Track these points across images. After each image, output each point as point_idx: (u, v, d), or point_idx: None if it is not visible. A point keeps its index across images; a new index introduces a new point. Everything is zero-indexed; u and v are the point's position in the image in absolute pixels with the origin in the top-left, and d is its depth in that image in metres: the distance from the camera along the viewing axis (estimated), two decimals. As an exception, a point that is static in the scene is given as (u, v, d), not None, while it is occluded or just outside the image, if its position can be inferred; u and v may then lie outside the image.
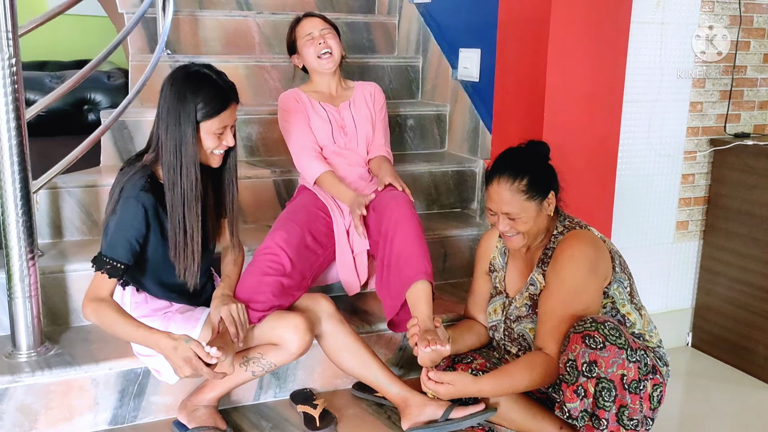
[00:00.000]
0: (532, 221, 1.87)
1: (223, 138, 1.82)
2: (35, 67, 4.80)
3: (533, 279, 1.93)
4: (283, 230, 2.06)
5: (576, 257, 1.82)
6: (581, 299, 1.80)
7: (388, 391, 1.97)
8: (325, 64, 2.36)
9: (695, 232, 2.85)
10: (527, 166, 1.87)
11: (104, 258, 1.75)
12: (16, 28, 1.81)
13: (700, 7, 2.60)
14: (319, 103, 2.38)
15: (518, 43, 2.45)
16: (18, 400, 1.86)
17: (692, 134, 2.74)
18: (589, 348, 1.68)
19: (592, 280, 1.82)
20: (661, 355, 1.89)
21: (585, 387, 1.69)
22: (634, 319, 1.88)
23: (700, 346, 2.91)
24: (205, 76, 1.79)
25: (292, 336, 1.88)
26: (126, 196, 1.74)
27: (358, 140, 2.38)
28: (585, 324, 1.72)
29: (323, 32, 2.37)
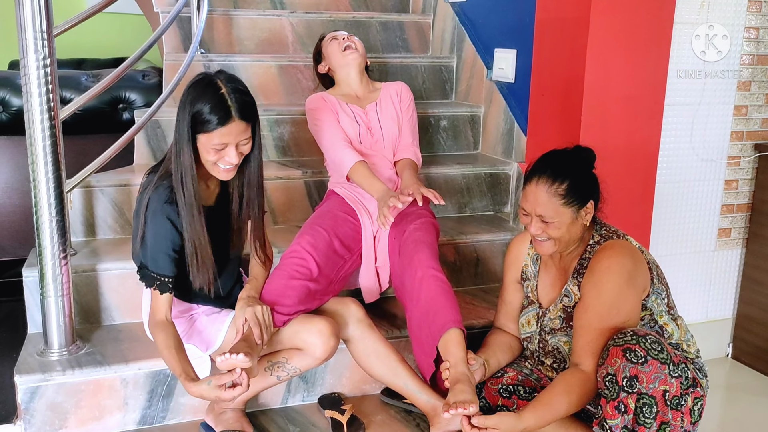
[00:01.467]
0: (566, 228, 1.80)
1: (223, 155, 1.74)
2: (73, 65, 4.89)
3: (568, 290, 1.86)
4: (310, 235, 2.04)
5: (613, 269, 1.75)
6: (619, 313, 1.73)
7: (418, 398, 1.94)
8: (349, 55, 2.38)
9: (738, 240, 2.76)
10: (569, 171, 1.80)
11: (152, 274, 1.76)
12: (51, 29, 1.81)
13: (747, 7, 2.51)
14: (347, 104, 2.36)
15: (556, 44, 2.39)
16: (49, 399, 1.88)
17: (736, 139, 2.65)
18: (630, 362, 1.62)
19: (631, 292, 1.76)
20: (701, 366, 1.82)
21: (625, 402, 1.63)
22: (671, 330, 1.81)
23: (740, 358, 2.82)
24: (213, 86, 1.71)
25: (316, 340, 1.86)
26: (153, 210, 1.74)
27: (384, 142, 2.35)
28: (626, 337, 1.65)
29: (347, 34, 2.45)
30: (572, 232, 1.82)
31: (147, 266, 1.77)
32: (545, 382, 1.94)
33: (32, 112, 1.83)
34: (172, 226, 1.75)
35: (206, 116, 1.69)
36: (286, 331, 1.90)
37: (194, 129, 1.71)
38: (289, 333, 1.89)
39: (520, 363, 2.01)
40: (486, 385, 1.94)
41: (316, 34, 3.20)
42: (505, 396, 1.91)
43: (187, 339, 1.88)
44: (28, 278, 2.06)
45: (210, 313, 1.93)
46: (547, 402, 1.73)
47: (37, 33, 1.78)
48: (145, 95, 2.96)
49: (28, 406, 1.86)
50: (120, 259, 2.14)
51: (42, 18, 1.78)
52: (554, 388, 1.74)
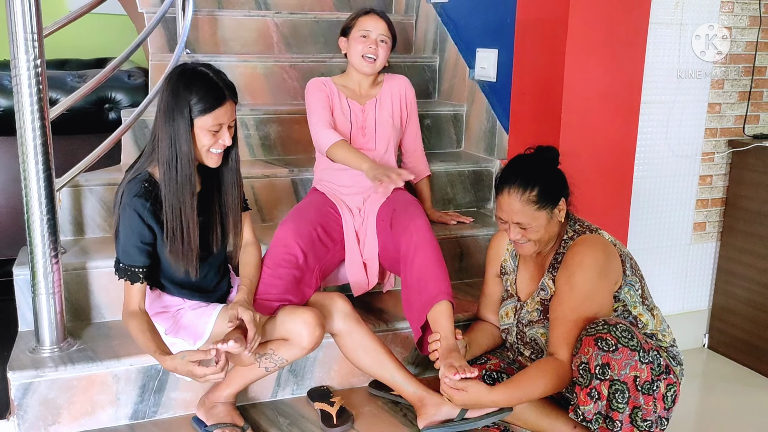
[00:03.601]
0: (543, 229, 1.87)
1: (219, 136, 1.82)
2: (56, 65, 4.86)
3: (544, 284, 1.94)
4: (293, 222, 2.09)
5: (585, 263, 1.82)
6: (592, 304, 1.80)
7: (405, 389, 1.99)
8: (366, 67, 2.37)
9: (713, 234, 2.84)
10: (537, 175, 1.86)
11: (122, 265, 1.81)
12: (41, 30, 1.84)
13: (720, 8, 2.59)
14: (346, 99, 2.39)
15: (536, 43, 2.45)
16: (41, 395, 1.90)
17: (710, 135, 2.73)
18: (602, 350, 1.69)
19: (603, 284, 1.83)
20: (675, 355, 1.89)
21: (599, 390, 1.70)
22: (646, 320, 1.89)
23: (716, 348, 2.90)
24: (201, 73, 1.80)
25: (302, 330, 1.89)
26: (124, 203, 1.79)
27: (376, 142, 2.39)
28: (597, 326, 1.72)
29: (380, 37, 2.35)
30: (549, 231, 1.90)
31: (119, 258, 1.82)
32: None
33: (23, 112, 1.85)
34: (140, 220, 1.79)
35: (203, 99, 1.77)
36: (273, 322, 1.94)
37: (191, 113, 1.77)
38: (275, 324, 1.93)
39: (503, 352, 2.07)
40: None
41: (301, 34, 3.26)
42: (488, 382, 1.97)
43: (174, 333, 1.91)
44: (18, 276, 2.08)
45: (196, 307, 1.96)
46: (519, 382, 1.81)
47: (27, 34, 1.80)
48: (131, 95, 2.98)
49: (21, 402, 1.88)
50: (109, 257, 2.13)
51: (32, 19, 1.80)
52: (528, 372, 1.82)
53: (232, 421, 1.93)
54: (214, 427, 1.90)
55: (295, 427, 1.99)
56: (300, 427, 1.99)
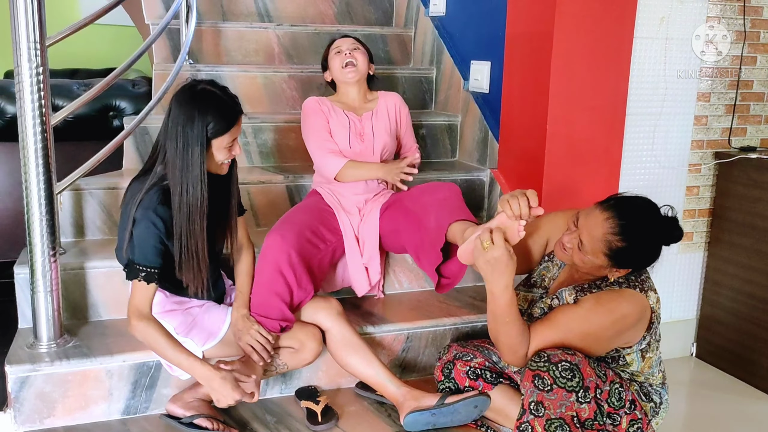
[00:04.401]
0: (591, 265, 1.82)
1: (232, 149, 1.92)
2: (67, 74, 5.00)
3: (562, 295, 1.92)
4: (278, 232, 2.13)
5: (614, 314, 1.78)
6: (584, 341, 1.80)
7: (387, 388, 2.05)
8: (347, 74, 2.46)
9: (700, 244, 2.88)
10: (636, 237, 1.75)
11: (138, 266, 1.85)
12: (44, 39, 1.93)
13: (705, 22, 2.65)
14: (342, 111, 2.48)
15: (523, 56, 2.52)
16: (37, 388, 1.97)
17: (697, 147, 2.77)
18: (537, 389, 1.72)
19: (610, 339, 1.81)
20: (648, 392, 1.88)
21: (532, 424, 1.73)
22: (631, 360, 1.86)
23: (704, 357, 2.93)
24: (212, 94, 1.85)
25: (312, 344, 2.05)
26: (144, 208, 1.83)
27: (374, 149, 2.46)
28: (539, 362, 1.73)
29: (351, 47, 2.49)
30: (592, 271, 1.85)
31: (134, 260, 1.86)
32: (509, 372, 2.06)
33: (25, 117, 1.94)
34: (163, 225, 1.84)
35: (219, 122, 1.84)
36: None
37: (208, 136, 1.83)
38: (286, 334, 2.05)
39: (489, 350, 2.12)
40: (455, 366, 2.05)
41: (302, 46, 3.35)
42: (472, 378, 2.03)
43: (185, 333, 1.99)
44: (19, 275, 2.16)
45: (205, 305, 2.04)
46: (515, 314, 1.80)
47: (30, 43, 1.89)
48: (135, 103, 3.07)
49: (17, 395, 1.96)
50: (107, 258, 2.24)
51: (35, 29, 1.89)
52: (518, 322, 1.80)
53: (213, 414, 1.99)
54: (195, 417, 1.96)
55: (281, 425, 2.05)
56: (286, 425, 2.05)
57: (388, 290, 2.54)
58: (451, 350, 2.11)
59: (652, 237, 1.78)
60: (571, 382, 1.71)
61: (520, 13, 2.53)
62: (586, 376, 1.72)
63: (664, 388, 1.93)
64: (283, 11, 3.52)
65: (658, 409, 1.89)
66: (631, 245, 1.75)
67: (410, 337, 2.33)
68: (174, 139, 1.83)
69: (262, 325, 2.01)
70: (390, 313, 2.37)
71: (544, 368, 1.72)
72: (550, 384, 1.70)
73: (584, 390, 1.72)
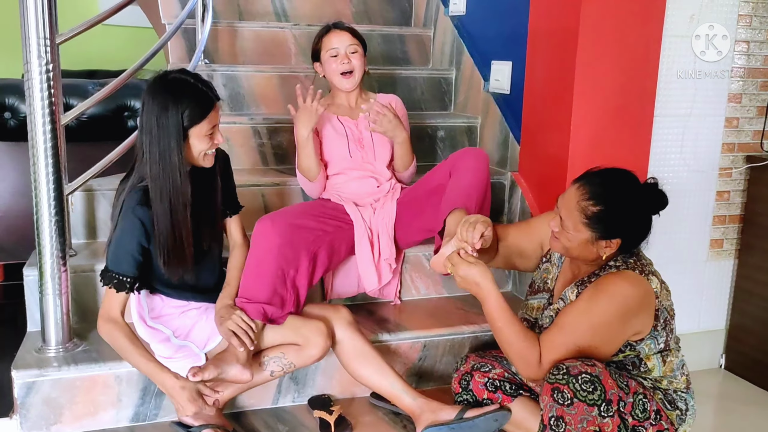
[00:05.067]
0: (577, 243, 1.75)
1: (213, 138, 1.86)
2: (85, 75, 5.00)
3: (566, 295, 1.84)
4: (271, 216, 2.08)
5: (615, 297, 1.69)
6: (595, 336, 1.71)
7: (403, 399, 1.98)
8: (346, 84, 2.38)
9: (730, 251, 2.78)
10: (610, 198, 1.71)
11: (110, 273, 1.82)
12: (55, 36, 1.89)
13: (737, 21, 2.55)
14: (337, 117, 2.40)
15: (547, 55, 2.44)
16: (44, 394, 1.93)
17: (728, 150, 2.67)
18: (557, 403, 1.63)
19: (618, 326, 1.71)
20: (673, 399, 1.79)
21: None
22: (652, 365, 1.78)
23: (733, 369, 2.82)
24: (184, 81, 1.81)
25: (317, 338, 1.95)
26: (126, 210, 1.80)
27: (375, 154, 2.39)
28: (558, 375, 1.65)
29: (349, 49, 2.36)
30: (582, 252, 1.77)
31: (108, 266, 1.83)
32: (529, 384, 1.98)
33: (34, 115, 1.90)
34: (141, 227, 1.80)
35: (195, 109, 1.79)
36: (284, 328, 1.97)
37: (184, 125, 1.79)
38: (289, 329, 1.97)
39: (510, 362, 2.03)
40: (473, 378, 1.98)
41: (319, 46, 3.30)
42: (491, 390, 1.95)
43: (183, 336, 1.94)
44: (28, 277, 2.13)
45: (202, 308, 1.98)
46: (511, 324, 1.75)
47: (40, 40, 1.85)
48: (150, 104, 3.04)
49: (24, 401, 1.91)
50: (118, 260, 2.20)
51: (45, 25, 1.85)
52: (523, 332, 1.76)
53: (222, 423, 1.94)
54: (204, 427, 1.91)
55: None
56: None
57: (405, 296, 2.48)
58: (468, 361, 2.04)
59: (626, 198, 1.73)
60: (592, 395, 1.62)
61: (543, 10, 2.45)
62: (608, 388, 1.64)
63: (688, 393, 1.84)
64: (300, 11, 3.48)
65: (684, 416, 1.80)
66: (606, 208, 1.70)
67: (427, 345, 2.25)
68: (149, 132, 1.79)
69: (245, 311, 1.92)
70: (406, 320, 2.30)
71: (563, 381, 1.63)
72: (570, 397, 1.62)
73: (606, 403, 1.63)
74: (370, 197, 2.36)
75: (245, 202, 2.14)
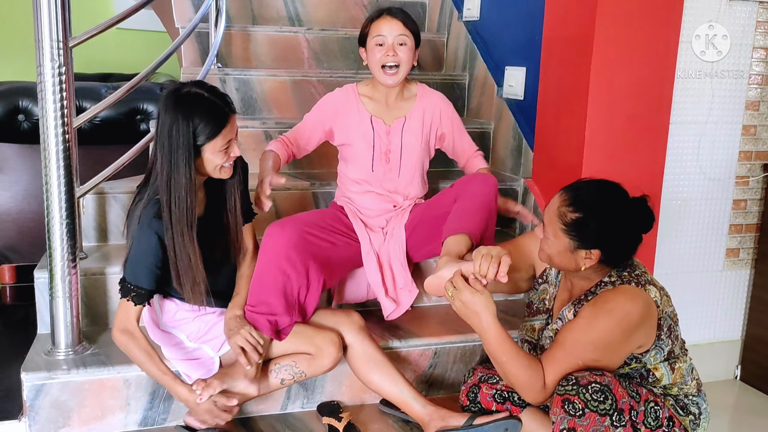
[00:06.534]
0: (556, 252, 1.72)
1: (229, 152, 1.82)
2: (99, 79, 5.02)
3: (563, 315, 1.81)
4: (280, 223, 2.03)
5: (615, 314, 1.65)
6: (596, 351, 1.67)
7: (412, 406, 1.96)
8: (387, 79, 2.17)
9: (746, 261, 2.73)
10: (590, 207, 1.67)
11: (129, 285, 1.81)
12: (68, 39, 1.89)
13: (755, 27, 2.51)
14: (371, 120, 2.24)
15: (561, 61, 2.41)
16: (53, 397, 1.93)
17: (745, 158, 2.63)
18: (568, 414, 1.60)
19: (620, 342, 1.68)
20: (685, 404, 1.76)
21: None
22: (660, 374, 1.74)
23: (749, 381, 2.77)
24: (198, 96, 1.75)
25: (330, 348, 1.94)
26: (143, 223, 1.78)
27: (401, 170, 2.26)
28: (567, 386, 1.62)
29: (397, 40, 2.14)
30: (564, 261, 1.74)
31: (126, 278, 1.82)
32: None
33: (47, 118, 1.90)
34: (158, 241, 1.78)
35: (209, 124, 1.75)
36: (300, 336, 1.96)
37: (197, 142, 1.76)
38: (302, 338, 1.96)
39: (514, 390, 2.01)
40: (481, 390, 1.95)
41: (331, 51, 3.29)
42: (499, 401, 1.92)
43: (197, 339, 1.94)
44: (39, 279, 2.13)
45: (218, 313, 1.97)
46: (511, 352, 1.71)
47: (53, 42, 1.86)
48: (162, 107, 3.04)
49: (33, 404, 1.91)
50: (129, 263, 2.19)
51: (58, 28, 1.85)
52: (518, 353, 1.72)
53: (227, 428, 1.93)
54: (208, 431, 1.90)
55: (302, 442, 1.98)
56: (307, 442, 1.98)
57: (415, 303, 2.45)
58: (476, 373, 2.01)
59: (607, 209, 1.68)
60: (603, 405, 1.59)
61: (558, 16, 2.43)
62: (619, 397, 1.61)
63: (700, 396, 1.80)
64: (314, 15, 3.48)
65: (698, 420, 1.77)
66: (584, 215, 1.66)
67: (438, 352, 2.23)
68: (161, 146, 1.76)
69: (254, 325, 1.90)
70: (417, 327, 2.28)
71: (573, 392, 1.60)
72: (581, 408, 1.59)
73: (618, 412, 1.60)
74: (381, 216, 2.29)
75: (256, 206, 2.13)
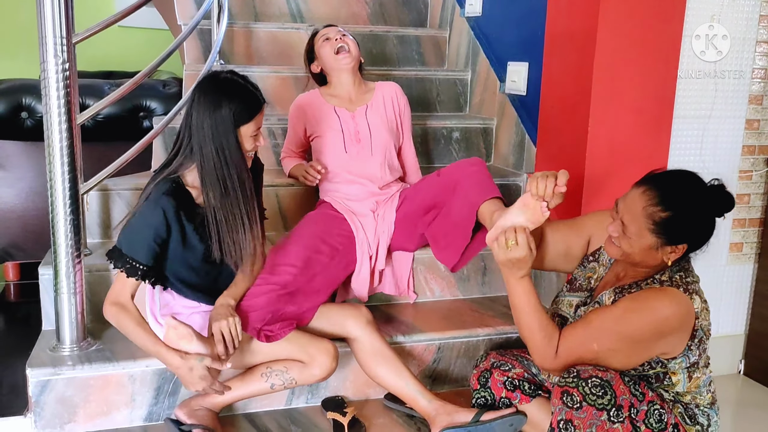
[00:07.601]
0: (639, 250, 1.67)
1: (257, 139, 1.88)
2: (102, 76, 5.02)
3: (602, 298, 1.78)
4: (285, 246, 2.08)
5: (655, 314, 1.62)
6: (618, 343, 1.66)
7: (418, 401, 1.96)
8: (342, 60, 2.37)
9: (750, 255, 2.73)
10: (680, 204, 1.63)
11: (124, 256, 1.79)
12: (71, 36, 1.89)
13: (758, 21, 2.51)
14: (334, 109, 2.38)
15: (565, 56, 2.41)
16: (59, 392, 1.93)
17: (748, 153, 2.63)
18: (566, 406, 1.60)
19: (649, 343, 1.65)
20: (694, 414, 1.74)
21: None
22: (677, 380, 1.72)
23: (752, 375, 2.77)
24: (235, 82, 1.83)
25: (324, 358, 1.94)
26: (152, 198, 1.79)
27: (373, 148, 2.36)
28: (568, 378, 1.62)
29: (339, 34, 2.41)
30: (645, 258, 1.69)
31: (121, 248, 1.80)
32: (548, 385, 1.96)
33: (50, 114, 1.90)
34: (163, 218, 1.78)
35: (247, 108, 1.81)
36: (293, 343, 1.95)
37: (235, 123, 1.80)
38: (295, 345, 1.95)
39: (529, 360, 2.02)
40: (492, 376, 1.96)
41: (334, 47, 3.29)
42: (509, 389, 1.93)
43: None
44: (43, 276, 2.13)
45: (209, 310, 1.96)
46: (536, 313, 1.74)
47: (56, 38, 1.86)
48: (165, 104, 3.05)
49: (38, 399, 1.92)
50: (133, 259, 2.19)
51: (62, 24, 1.86)
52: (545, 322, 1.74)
53: (214, 426, 1.92)
54: (194, 427, 1.89)
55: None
56: (311, 437, 1.98)
57: (419, 298, 2.45)
58: (489, 358, 2.02)
59: (696, 203, 1.65)
60: (601, 400, 1.59)
61: (561, 11, 2.43)
62: (619, 393, 1.61)
63: (713, 408, 1.78)
64: (316, 12, 3.48)
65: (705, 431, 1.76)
66: (675, 213, 1.62)
67: (442, 347, 2.24)
68: (202, 126, 1.79)
69: (246, 322, 1.89)
70: (421, 322, 2.28)
71: (573, 384, 1.61)
72: (580, 401, 1.59)
73: (617, 408, 1.60)
74: (370, 199, 2.32)
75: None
